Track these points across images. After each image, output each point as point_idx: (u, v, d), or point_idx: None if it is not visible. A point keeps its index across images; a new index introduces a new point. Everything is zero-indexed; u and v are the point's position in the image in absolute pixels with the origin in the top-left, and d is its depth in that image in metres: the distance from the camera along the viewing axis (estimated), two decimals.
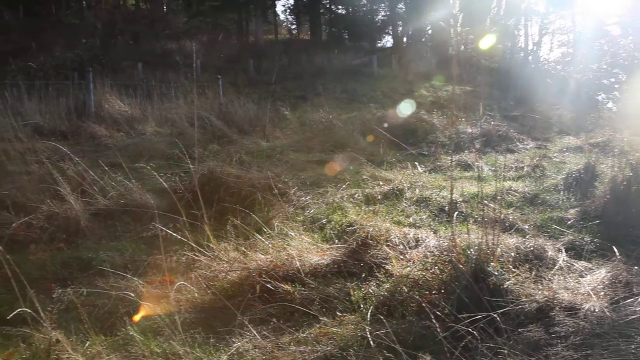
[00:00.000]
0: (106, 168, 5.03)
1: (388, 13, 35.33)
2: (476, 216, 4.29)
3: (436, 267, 3.03)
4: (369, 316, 2.56)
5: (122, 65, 25.27)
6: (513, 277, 2.76)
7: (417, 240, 3.70)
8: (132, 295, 2.85)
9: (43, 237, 4.03)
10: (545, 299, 2.58)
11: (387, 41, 38.38)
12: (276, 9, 40.40)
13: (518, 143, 8.83)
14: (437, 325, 2.27)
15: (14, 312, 2.43)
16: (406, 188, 5.27)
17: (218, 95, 13.48)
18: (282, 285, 3.01)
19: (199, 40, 30.46)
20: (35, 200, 4.49)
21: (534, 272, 2.91)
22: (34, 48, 24.50)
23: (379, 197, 5.09)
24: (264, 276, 3.10)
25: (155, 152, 7.40)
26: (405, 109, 11.68)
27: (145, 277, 3.30)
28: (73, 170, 4.84)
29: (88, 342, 2.50)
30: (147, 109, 11.81)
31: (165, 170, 5.73)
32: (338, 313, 2.77)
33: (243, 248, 3.54)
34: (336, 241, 3.88)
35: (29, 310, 2.41)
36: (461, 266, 2.74)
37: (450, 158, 6.21)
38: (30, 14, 34.11)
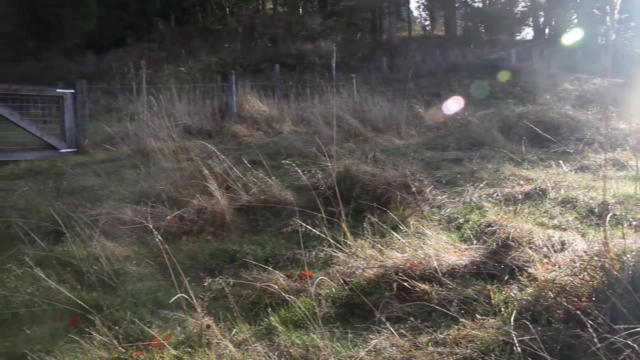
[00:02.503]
0: (249, 165, 5.29)
1: (529, 3, 33.56)
2: (632, 219, 3.95)
3: (585, 273, 2.82)
4: (512, 321, 2.45)
5: (261, 67, 26.54)
6: None
7: (562, 244, 3.48)
8: (276, 287, 2.97)
9: (193, 229, 4.34)
10: None
11: (527, 33, 36.53)
12: (410, 6, 40.01)
13: None
14: (593, 335, 2.12)
15: (174, 298, 2.65)
16: (550, 188, 4.97)
17: (352, 94, 13.65)
18: (419, 285, 2.97)
19: (333, 40, 31.03)
20: (186, 195, 4.85)
21: None
22: (183, 54, 26.46)
23: (520, 197, 4.86)
24: (400, 274, 3.09)
25: (292, 150, 7.66)
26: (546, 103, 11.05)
27: (285, 271, 3.42)
28: (219, 168, 5.15)
29: (235, 330, 2.65)
30: (284, 108, 12.27)
31: (302, 168, 5.91)
32: (477, 315, 2.68)
33: (379, 246, 3.55)
34: (474, 242, 3.76)
35: (185, 297, 2.60)
36: (615, 273, 2.54)
37: (600, 156, 5.77)
38: (180, 23, 36.89)
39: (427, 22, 42.21)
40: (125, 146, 8.54)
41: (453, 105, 11.81)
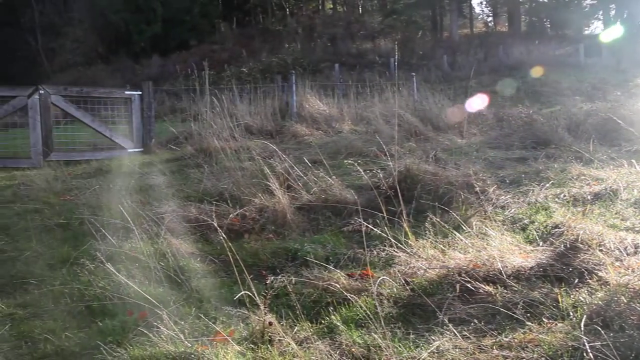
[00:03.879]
0: (309, 164, 5.32)
1: None
2: None
3: None
4: (582, 326, 2.36)
5: (321, 66, 26.69)
6: None
7: (636, 247, 3.34)
8: (338, 286, 2.98)
9: (255, 227, 4.41)
10: None
11: (596, 27, 35.01)
12: (472, 2, 39.20)
13: None
14: None
15: (238, 295, 2.70)
16: (621, 188, 4.76)
17: (412, 93, 13.52)
18: (483, 286, 2.91)
19: (393, 39, 30.83)
20: (248, 193, 4.93)
21: None
22: (244, 55, 26.98)
23: (589, 197, 4.68)
24: (463, 275, 3.03)
25: (352, 150, 7.67)
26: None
27: (346, 270, 3.42)
28: (280, 167, 5.21)
29: (296, 328, 2.67)
30: (343, 108, 12.29)
31: (362, 167, 5.90)
32: (544, 319, 2.60)
33: (441, 246, 3.50)
34: (540, 243, 3.65)
35: (248, 294, 2.65)
36: None
37: None
38: (241, 24, 37.63)
39: (490, 19, 41.32)
40: (189, 146, 8.77)
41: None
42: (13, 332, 2.83)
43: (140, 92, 10.22)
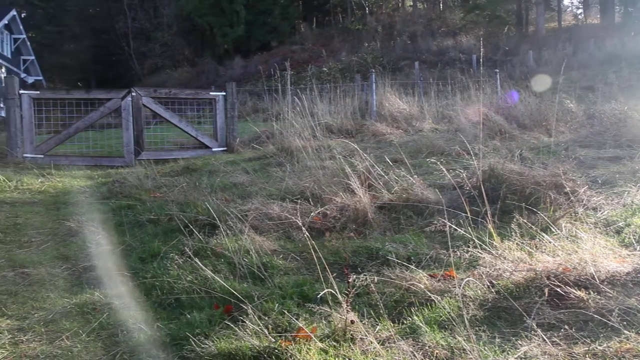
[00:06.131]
0: (390, 163, 5.29)
1: None
2: None
3: None
4: None
5: (400, 64, 26.47)
6: None
7: None
8: (421, 286, 2.94)
9: (336, 226, 4.43)
10: None
11: None
12: None
13: None
14: None
15: (322, 293, 2.73)
16: None
17: (496, 90, 13.14)
18: (574, 291, 2.78)
19: (476, 35, 30.06)
20: (329, 192, 4.96)
21: None
22: (324, 55, 27.21)
23: None
24: (552, 279, 2.91)
25: (433, 149, 7.55)
26: None
27: (428, 270, 3.37)
28: (361, 166, 5.20)
29: (378, 327, 2.67)
30: (424, 106, 12.12)
31: (444, 166, 5.80)
32: None
33: (528, 248, 3.38)
34: (637, 247, 3.45)
35: (331, 291, 2.67)
36: None
37: None
38: (321, 25, 38.03)
39: (580, 11, 39.42)
40: (270, 145, 8.94)
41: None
42: (110, 320, 3.00)
43: (224, 93, 10.54)
